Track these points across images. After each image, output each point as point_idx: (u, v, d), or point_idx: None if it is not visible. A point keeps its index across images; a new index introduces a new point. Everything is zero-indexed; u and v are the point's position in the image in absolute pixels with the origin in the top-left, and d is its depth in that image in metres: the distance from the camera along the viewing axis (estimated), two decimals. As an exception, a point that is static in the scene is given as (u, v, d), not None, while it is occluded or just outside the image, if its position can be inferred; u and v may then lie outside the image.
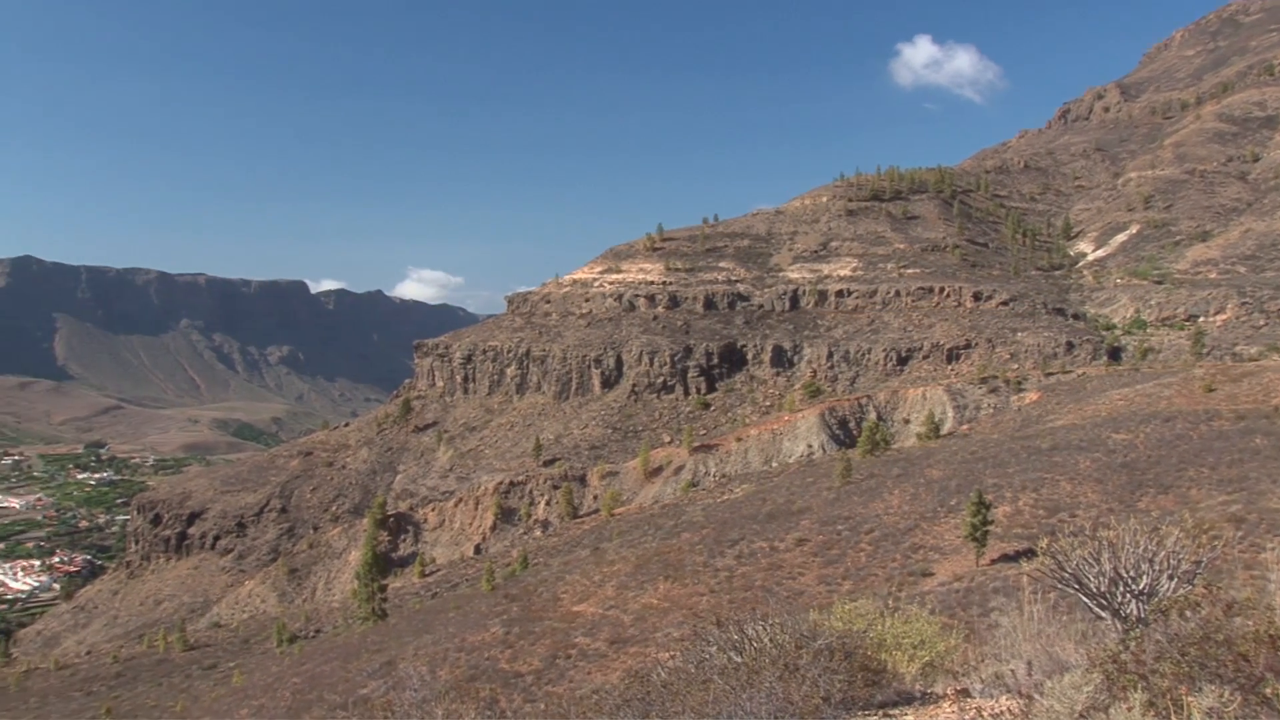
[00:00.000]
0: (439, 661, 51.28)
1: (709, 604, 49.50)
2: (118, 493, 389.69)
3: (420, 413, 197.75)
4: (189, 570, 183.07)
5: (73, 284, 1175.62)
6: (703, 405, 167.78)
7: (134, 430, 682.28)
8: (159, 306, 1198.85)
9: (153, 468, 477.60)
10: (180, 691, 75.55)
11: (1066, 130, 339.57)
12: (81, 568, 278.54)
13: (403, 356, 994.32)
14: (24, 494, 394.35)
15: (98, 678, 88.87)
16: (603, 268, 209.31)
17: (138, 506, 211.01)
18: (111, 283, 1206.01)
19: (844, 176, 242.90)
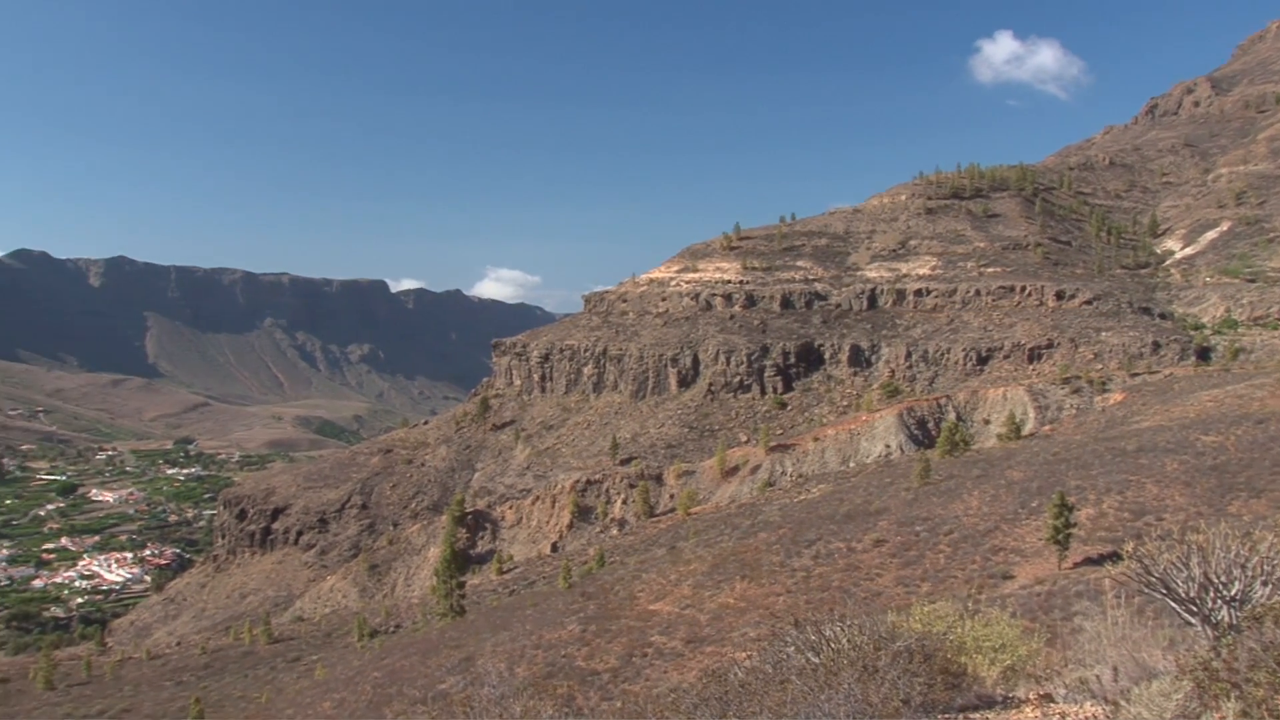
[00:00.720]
0: (517, 658, 51.68)
1: (785, 604, 49.26)
2: (205, 488, 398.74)
3: (498, 411, 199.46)
4: (273, 565, 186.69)
5: (163, 284, 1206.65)
6: (779, 405, 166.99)
7: (220, 427, 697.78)
8: (244, 305, 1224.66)
9: (238, 464, 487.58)
10: (265, 683, 77.07)
11: (1154, 126, 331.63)
12: (171, 561, 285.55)
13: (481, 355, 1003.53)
14: (117, 488, 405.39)
15: (187, 668, 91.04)
16: (679, 267, 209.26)
17: (224, 502, 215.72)
18: (200, 282, 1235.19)
19: (923, 175, 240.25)
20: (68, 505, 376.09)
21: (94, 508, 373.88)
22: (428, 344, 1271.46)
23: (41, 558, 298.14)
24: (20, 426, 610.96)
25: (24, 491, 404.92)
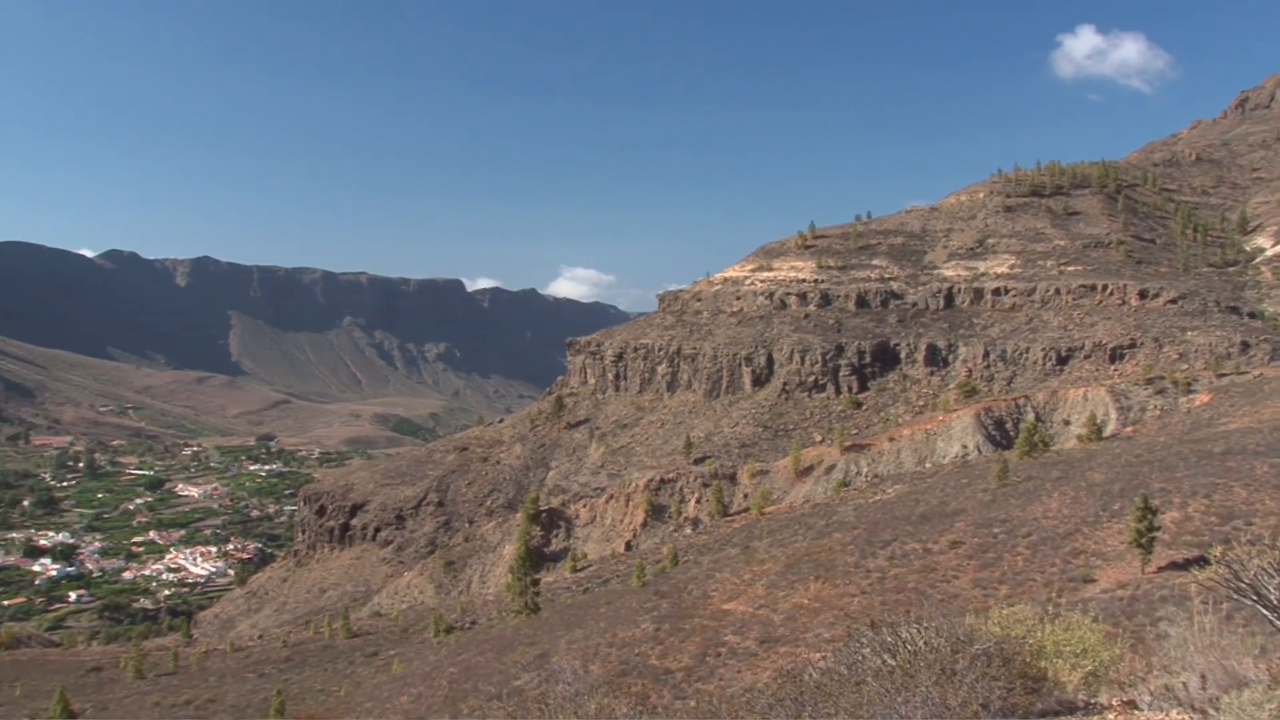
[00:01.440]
0: (590, 656, 51.90)
1: (860, 605, 48.86)
2: (286, 484, 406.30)
3: (572, 410, 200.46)
4: (351, 560, 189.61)
5: (246, 283, 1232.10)
6: (854, 404, 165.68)
7: (300, 424, 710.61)
8: (324, 305, 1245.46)
9: (318, 460, 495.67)
10: (344, 677, 78.33)
11: (1244, 120, 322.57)
12: (254, 555, 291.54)
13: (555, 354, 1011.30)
14: (202, 483, 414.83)
15: (269, 660, 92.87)
16: (754, 266, 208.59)
17: (304, 498, 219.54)
18: (281, 282, 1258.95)
19: (1001, 172, 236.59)
20: (156, 500, 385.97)
21: (180, 502, 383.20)
22: (503, 343, 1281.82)
23: (131, 550, 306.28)
24: (111, 422, 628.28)
25: (115, 486, 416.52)
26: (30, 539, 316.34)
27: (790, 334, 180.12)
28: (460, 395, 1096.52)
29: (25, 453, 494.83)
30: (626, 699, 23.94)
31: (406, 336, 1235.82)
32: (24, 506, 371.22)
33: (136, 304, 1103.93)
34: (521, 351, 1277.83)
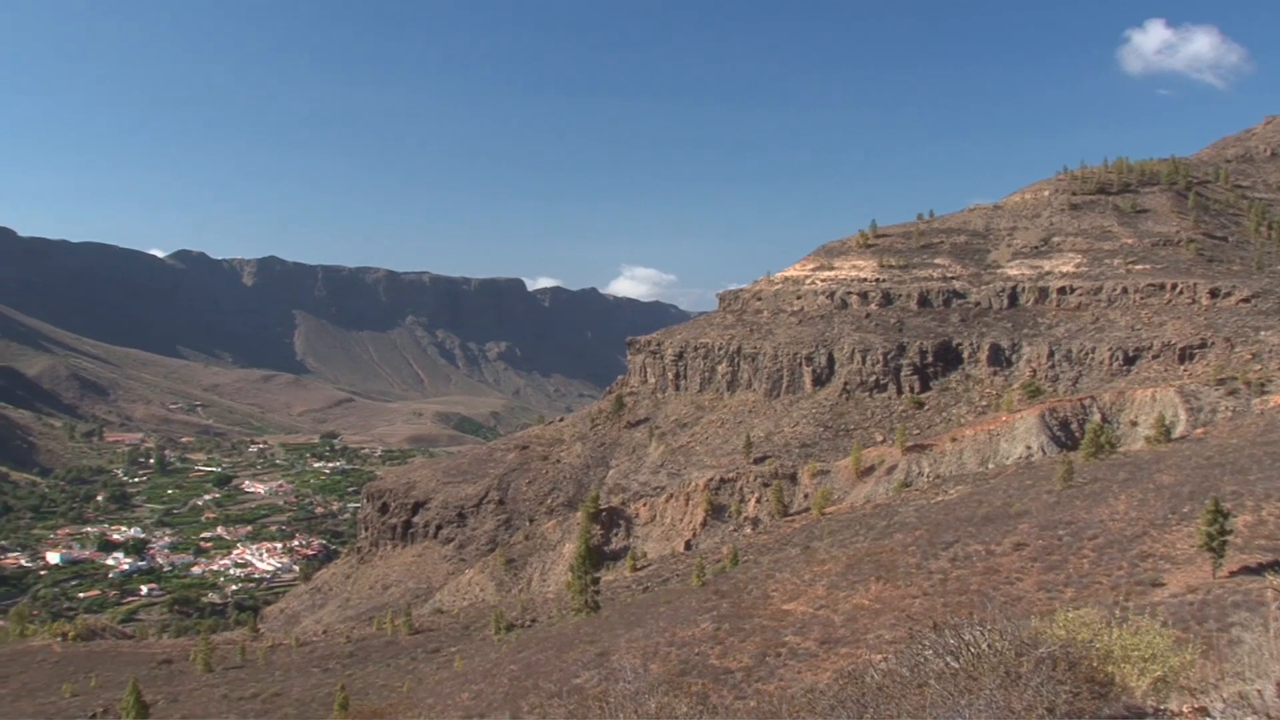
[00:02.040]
0: (650, 655, 51.96)
1: (922, 606, 48.42)
2: (349, 481, 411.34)
3: (632, 409, 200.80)
4: (413, 557, 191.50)
5: (310, 282, 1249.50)
6: (916, 404, 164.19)
7: (364, 422, 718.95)
8: (386, 304, 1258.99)
9: (380, 458, 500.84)
10: (406, 673, 79.16)
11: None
12: (318, 551, 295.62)
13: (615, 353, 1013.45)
14: (268, 480, 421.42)
15: (333, 655, 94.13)
16: (814, 265, 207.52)
17: (367, 495, 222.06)
18: (344, 281, 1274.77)
19: (1067, 169, 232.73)
20: (223, 496, 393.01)
21: (246, 498, 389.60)
22: (564, 342, 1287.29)
23: (200, 546, 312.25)
24: (180, 420, 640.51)
25: (184, 482, 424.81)
26: (104, 533, 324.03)
27: (851, 333, 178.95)
28: (521, 394, 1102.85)
29: (99, 449, 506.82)
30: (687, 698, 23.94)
31: (468, 335, 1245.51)
32: (98, 501, 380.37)
33: (205, 303, 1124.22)
34: (582, 351, 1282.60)
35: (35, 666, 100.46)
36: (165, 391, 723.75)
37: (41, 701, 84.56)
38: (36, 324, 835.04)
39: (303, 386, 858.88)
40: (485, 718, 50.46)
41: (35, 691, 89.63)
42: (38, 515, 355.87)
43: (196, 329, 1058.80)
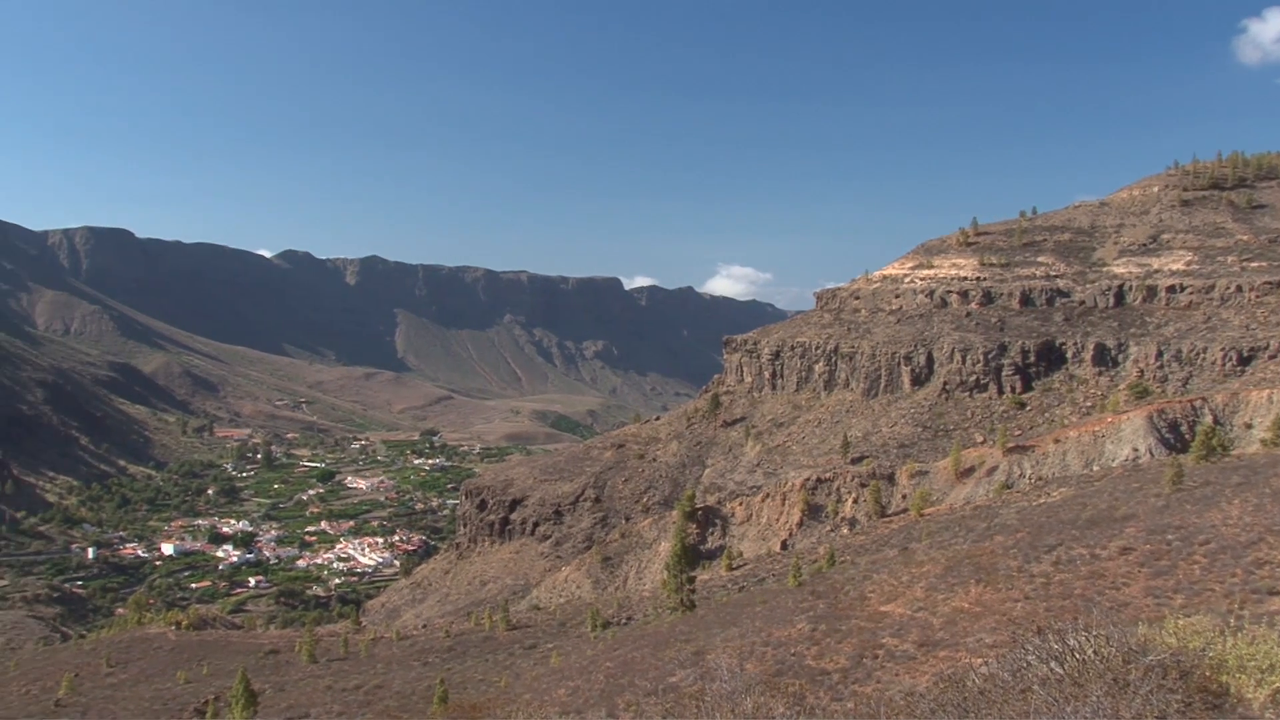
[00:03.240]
0: (746, 655, 51.82)
1: (1024, 610, 47.49)
2: (448, 478, 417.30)
3: (729, 408, 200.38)
4: (511, 554, 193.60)
5: (411, 282, 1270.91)
6: (1017, 405, 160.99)
7: (462, 419, 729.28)
8: (485, 303, 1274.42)
9: (479, 455, 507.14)
10: (504, 668, 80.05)
11: None
12: (418, 547, 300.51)
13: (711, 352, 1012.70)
14: (369, 476, 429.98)
15: (432, 650, 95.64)
16: (913, 263, 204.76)
17: (465, 492, 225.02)
18: (444, 280, 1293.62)
19: (1178, 164, 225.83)
20: (327, 491, 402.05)
21: (349, 494, 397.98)
22: (660, 340, 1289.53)
23: (304, 539, 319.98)
24: (286, 416, 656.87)
25: (289, 477, 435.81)
26: (214, 526, 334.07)
27: (951, 332, 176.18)
28: (617, 393, 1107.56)
29: (210, 444, 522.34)
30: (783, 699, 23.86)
31: (565, 334, 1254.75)
32: (209, 495, 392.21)
33: (309, 302, 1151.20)
34: (678, 349, 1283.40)
35: (152, 653, 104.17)
36: (272, 388, 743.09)
37: (158, 687, 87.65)
38: (152, 322, 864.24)
39: (403, 384, 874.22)
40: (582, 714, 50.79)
41: (152, 677, 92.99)
42: (153, 507, 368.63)
43: (301, 327, 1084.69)
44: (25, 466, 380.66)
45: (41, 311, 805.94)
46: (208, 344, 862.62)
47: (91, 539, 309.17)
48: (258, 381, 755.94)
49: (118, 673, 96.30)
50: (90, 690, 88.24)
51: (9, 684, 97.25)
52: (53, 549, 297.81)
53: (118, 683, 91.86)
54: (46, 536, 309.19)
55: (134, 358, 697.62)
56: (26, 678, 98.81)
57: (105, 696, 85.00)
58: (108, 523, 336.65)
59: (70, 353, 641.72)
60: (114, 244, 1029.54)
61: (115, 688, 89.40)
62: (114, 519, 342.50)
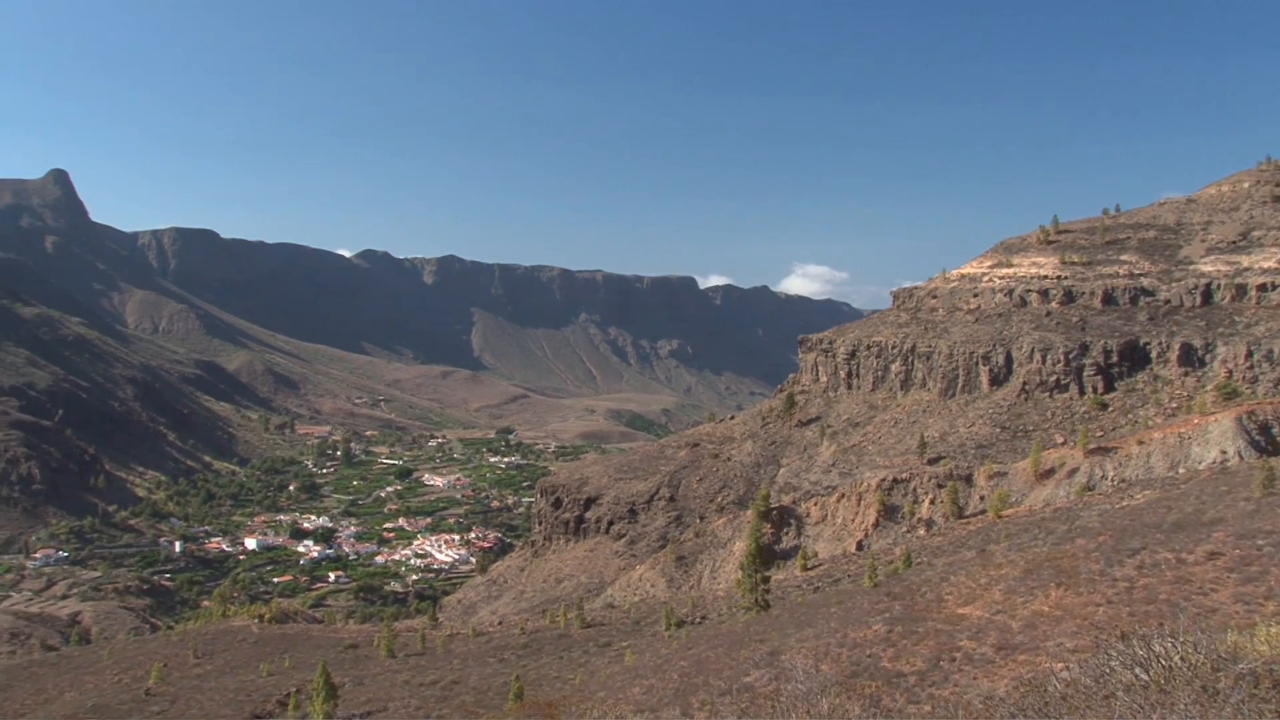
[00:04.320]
0: (821, 655, 51.52)
1: (1106, 615, 46.60)
2: (523, 476, 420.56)
3: (804, 407, 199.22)
4: (585, 552, 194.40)
5: (487, 281, 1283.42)
6: (1099, 405, 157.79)
7: (537, 418, 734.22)
8: (561, 301, 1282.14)
9: (554, 454, 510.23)
10: (579, 666, 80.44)
11: None
12: (493, 544, 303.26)
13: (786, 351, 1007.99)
14: (446, 474, 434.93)
15: (508, 646, 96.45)
16: (992, 262, 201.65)
17: (541, 490, 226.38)
18: (520, 279, 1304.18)
19: (1270, 159, 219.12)
20: (404, 488, 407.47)
21: (426, 491, 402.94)
22: (735, 340, 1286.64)
23: (383, 536, 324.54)
24: (364, 414, 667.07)
25: (368, 474, 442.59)
26: (295, 522, 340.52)
27: (1030, 332, 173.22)
28: (692, 392, 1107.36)
29: (291, 441, 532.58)
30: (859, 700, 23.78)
31: (640, 333, 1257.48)
32: (290, 491, 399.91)
33: (388, 301, 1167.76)
34: (753, 348, 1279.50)
35: (236, 645, 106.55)
36: (351, 386, 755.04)
37: (242, 678, 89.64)
38: (236, 321, 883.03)
39: (479, 382, 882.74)
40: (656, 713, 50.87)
41: (237, 668, 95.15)
42: (237, 503, 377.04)
43: (380, 326, 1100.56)
44: (116, 461, 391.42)
45: (132, 310, 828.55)
46: (289, 342, 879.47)
47: (178, 533, 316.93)
48: (337, 379, 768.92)
49: (204, 663, 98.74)
50: (178, 680, 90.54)
51: (103, 672, 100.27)
52: (142, 542, 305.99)
53: (204, 673, 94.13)
54: (136, 530, 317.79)
55: (219, 356, 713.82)
56: (119, 666, 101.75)
57: (192, 687, 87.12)
58: (193, 517, 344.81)
59: (158, 351, 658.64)
60: (200, 244, 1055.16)
61: (201, 678, 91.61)
62: (199, 514, 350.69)
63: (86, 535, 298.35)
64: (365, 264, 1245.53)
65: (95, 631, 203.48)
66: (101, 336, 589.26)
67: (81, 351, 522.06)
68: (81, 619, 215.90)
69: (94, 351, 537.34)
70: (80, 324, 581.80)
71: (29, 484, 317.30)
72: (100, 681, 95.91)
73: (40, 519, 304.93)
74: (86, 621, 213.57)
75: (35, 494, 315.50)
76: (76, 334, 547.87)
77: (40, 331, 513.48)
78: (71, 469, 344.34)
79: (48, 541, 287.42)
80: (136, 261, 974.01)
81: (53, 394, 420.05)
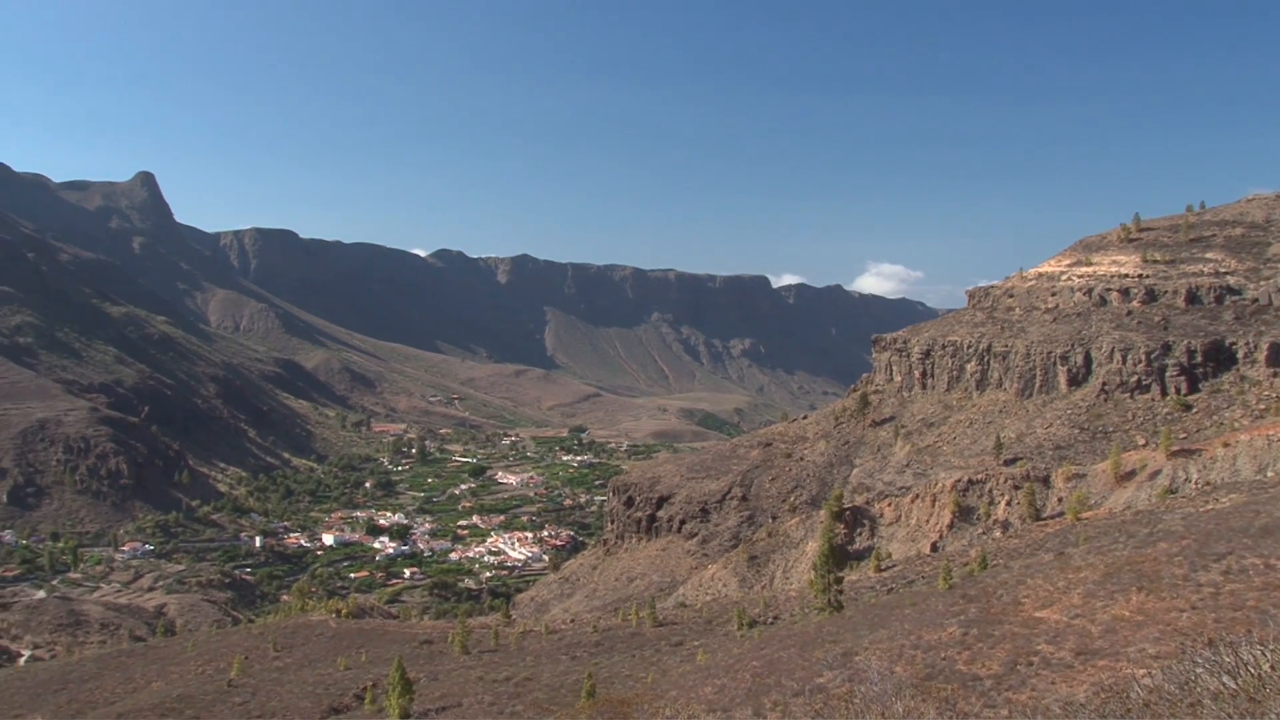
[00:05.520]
0: (895, 657, 51.10)
1: (1190, 621, 45.62)
2: (596, 475, 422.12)
3: (877, 407, 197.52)
4: (657, 551, 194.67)
5: (560, 280, 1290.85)
6: (1182, 406, 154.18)
7: (610, 416, 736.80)
8: (633, 300, 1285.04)
9: (626, 452, 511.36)
10: (651, 664, 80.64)
11: None
12: (566, 542, 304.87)
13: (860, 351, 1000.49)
14: (519, 472, 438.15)
15: (580, 644, 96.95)
16: (1071, 260, 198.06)
17: (613, 489, 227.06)
18: (592, 279, 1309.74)
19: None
20: (478, 486, 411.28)
21: (499, 489, 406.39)
22: (807, 339, 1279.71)
23: (457, 533, 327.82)
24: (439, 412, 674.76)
25: (442, 471, 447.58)
26: (371, 518, 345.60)
27: (1110, 331, 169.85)
28: (764, 391, 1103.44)
29: (367, 438, 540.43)
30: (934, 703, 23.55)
31: (712, 332, 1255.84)
32: (366, 488, 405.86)
33: (462, 300, 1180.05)
34: (826, 348, 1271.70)
35: (314, 639, 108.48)
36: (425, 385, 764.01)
37: (320, 671, 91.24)
38: (314, 320, 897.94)
39: (552, 381, 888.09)
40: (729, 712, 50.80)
41: (315, 662, 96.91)
42: (314, 499, 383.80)
43: (454, 325, 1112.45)
44: (199, 458, 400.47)
45: (214, 309, 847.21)
46: (365, 341, 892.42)
47: (258, 528, 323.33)
48: (412, 378, 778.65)
49: (283, 656, 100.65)
50: (259, 672, 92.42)
51: (187, 663, 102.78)
52: (224, 537, 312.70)
53: (283, 666, 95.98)
54: (218, 525, 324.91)
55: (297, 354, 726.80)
56: (202, 658, 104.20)
57: (272, 679, 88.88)
58: (273, 513, 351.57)
59: (239, 349, 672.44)
60: (280, 244, 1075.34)
61: (281, 671, 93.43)
62: (279, 509, 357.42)
63: (171, 529, 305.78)
64: (440, 263, 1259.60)
65: (180, 623, 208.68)
66: (185, 335, 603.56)
67: (166, 350, 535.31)
68: (167, 611, 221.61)
69: (178, 350, 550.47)
70: (165, 323, 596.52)
71: (117, 479, 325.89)
72: (185, 672, 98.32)
73: (128, 513, 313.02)
74: (172, 613, 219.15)
75: (123, 488, 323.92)
76: (162, 333, 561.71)
77: (128, 330, 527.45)
78: (157, 464, 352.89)
79: (135, 535, 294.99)
80: (219, 261, 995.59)
81: (139, 391, 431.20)
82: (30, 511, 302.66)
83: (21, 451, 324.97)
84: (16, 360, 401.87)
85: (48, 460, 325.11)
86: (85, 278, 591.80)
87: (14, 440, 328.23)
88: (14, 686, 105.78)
